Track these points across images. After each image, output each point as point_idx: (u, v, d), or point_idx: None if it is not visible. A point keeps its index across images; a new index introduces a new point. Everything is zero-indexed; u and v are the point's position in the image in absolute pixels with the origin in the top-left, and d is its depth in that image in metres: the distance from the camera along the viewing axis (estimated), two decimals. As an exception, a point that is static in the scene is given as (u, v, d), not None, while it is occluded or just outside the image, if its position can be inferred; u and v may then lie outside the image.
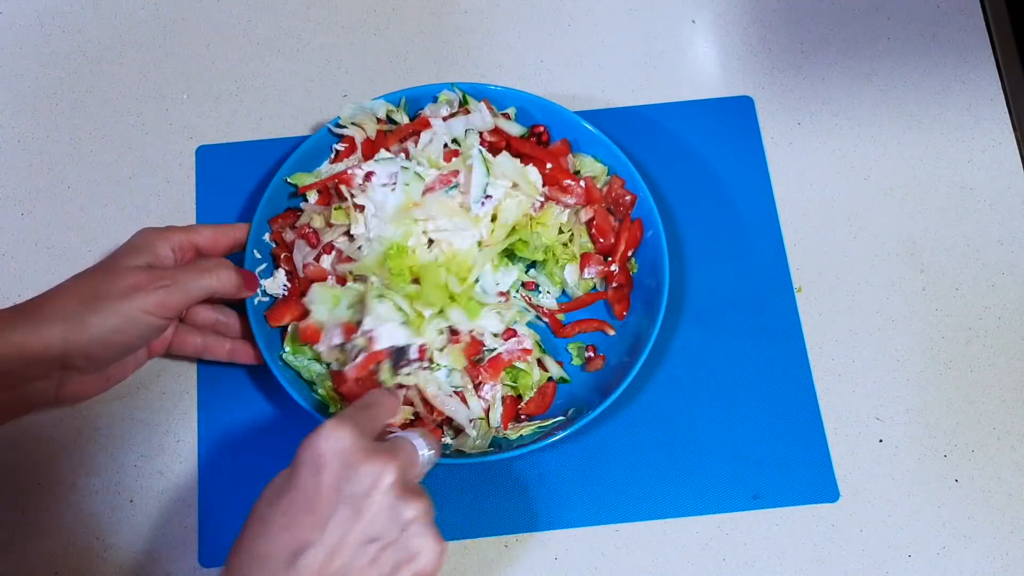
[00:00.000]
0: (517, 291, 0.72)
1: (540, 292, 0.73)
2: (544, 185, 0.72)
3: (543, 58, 0.82)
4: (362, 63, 0.82)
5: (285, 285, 0.71)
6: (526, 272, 0.73)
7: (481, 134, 0.73)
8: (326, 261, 0.70)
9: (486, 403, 0.68)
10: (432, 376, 0.67)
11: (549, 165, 0.72)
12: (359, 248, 0.69)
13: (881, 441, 0.71)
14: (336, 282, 0.70)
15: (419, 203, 0.69)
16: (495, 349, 0.68)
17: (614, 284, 0.73)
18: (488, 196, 0.69)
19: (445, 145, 0.73)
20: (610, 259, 0.73)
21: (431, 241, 0.69)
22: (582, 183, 0.72)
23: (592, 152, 0.75)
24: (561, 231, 0.72)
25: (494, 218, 0.70)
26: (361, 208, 0.69)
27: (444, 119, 0.73)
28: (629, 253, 0.73)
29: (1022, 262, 0.76)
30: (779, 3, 0.84)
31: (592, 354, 0.71)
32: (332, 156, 0.75)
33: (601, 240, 0.73)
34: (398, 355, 0.66)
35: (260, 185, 0.77)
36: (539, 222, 0.71)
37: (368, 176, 0.69)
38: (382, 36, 0.83)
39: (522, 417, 0.69)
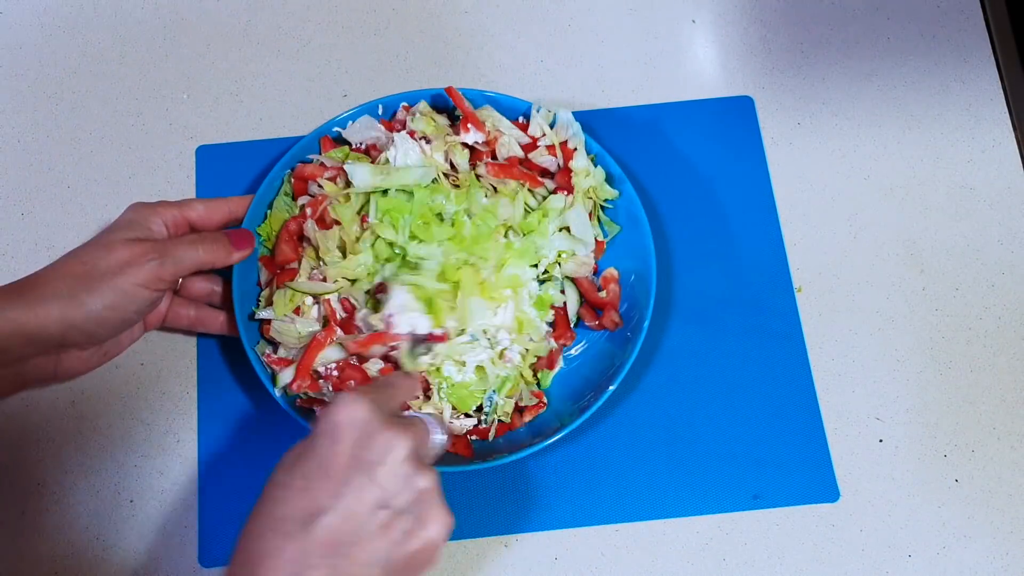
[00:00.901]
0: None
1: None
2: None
3: (543, 58, 0.82)
4: (362, 63, 0.82)
5: None
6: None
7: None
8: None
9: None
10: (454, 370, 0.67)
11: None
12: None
13: (881, 441, 0.71)
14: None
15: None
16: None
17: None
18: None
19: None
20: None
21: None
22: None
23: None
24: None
25: None
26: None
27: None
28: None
29: (1022, 262, 0.76)
30: (779, 3, 0.84)
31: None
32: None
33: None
34: (415, 341, 0.66)
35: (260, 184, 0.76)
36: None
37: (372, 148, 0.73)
38: (382, 36, 0.83)
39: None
